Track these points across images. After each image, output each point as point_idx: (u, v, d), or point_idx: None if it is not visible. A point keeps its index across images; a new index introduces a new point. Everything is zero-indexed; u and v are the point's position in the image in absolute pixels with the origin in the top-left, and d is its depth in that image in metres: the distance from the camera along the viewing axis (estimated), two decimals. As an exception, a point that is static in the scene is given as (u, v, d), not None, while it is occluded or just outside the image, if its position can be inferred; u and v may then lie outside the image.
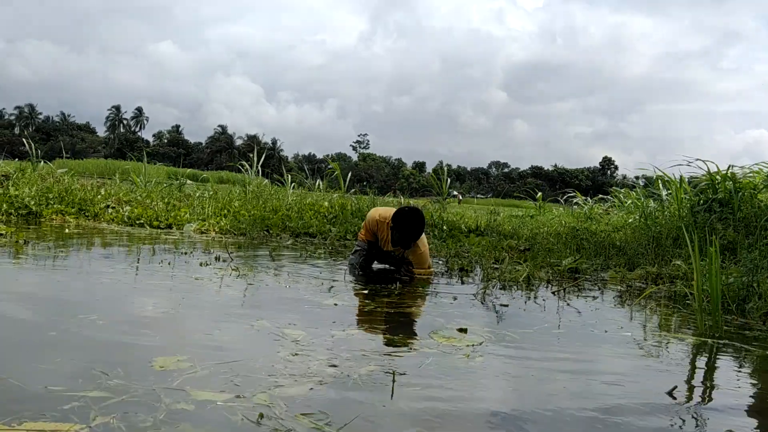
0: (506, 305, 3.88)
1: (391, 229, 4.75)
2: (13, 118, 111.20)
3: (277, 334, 2.64)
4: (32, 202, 7.90)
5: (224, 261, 4.90)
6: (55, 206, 8.01)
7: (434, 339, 2.80)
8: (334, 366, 2.23)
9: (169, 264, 4.57)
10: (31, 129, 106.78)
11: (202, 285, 3.80)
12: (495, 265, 5.69)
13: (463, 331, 2.97)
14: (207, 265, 4.64)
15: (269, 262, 5.22)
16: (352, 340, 2.68)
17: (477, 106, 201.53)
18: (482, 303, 3.91)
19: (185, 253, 5.25)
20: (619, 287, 4.98)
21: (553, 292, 4.54)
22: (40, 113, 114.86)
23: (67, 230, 6.57)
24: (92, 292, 3.51)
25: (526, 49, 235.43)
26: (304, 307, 3.40)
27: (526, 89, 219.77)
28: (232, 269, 4.47)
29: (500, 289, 4.53)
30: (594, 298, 4.45)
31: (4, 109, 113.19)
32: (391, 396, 1.99)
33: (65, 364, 2.06)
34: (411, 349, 2.62)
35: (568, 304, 4.06)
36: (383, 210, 5.03)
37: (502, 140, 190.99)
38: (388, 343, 2.69)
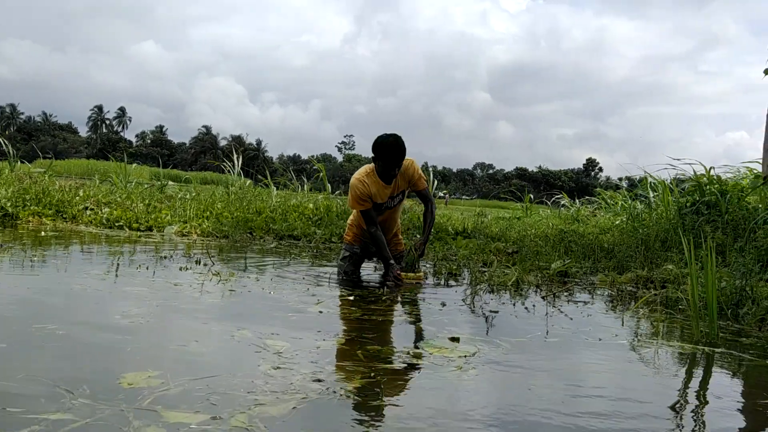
0: (496, 311, 3.76)
1: (374, 160, 4.58)
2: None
3: (258, 346, 2.50)
4: (8, 204, 7.67)
5: (205, 265, 4.74)
6: (31, 208, 7.79)
7: (424, 349, 2.67)
8: (319, 381, 2.09)
9: (147, 269, 4.39)
10: (12, 129, 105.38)
11: (180, 291, 3.64)
12: (483, 269, 5.57)
13: (455, 340, 2.84)
14: (187, 269, 4.48)
15: (252, 267, 5.07)
16: (338, 352, 2.55)
17: (461, 108, 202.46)
18: (471, 309, 3.79)
19: (164, 257, 5.08)
20: (609, 291, 4.89)
21: (543, 297, 4.43)
22: (22, 113, 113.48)
23: (42, 233, 6.37)
24: (60, 300, 3.31)
25: (510, 52, 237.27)
26: (287, 315, 3.25)
27: (509, 91, 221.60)
28: (213, 274, 4.31)
29: (489, 293, 4.41)
30: (585, 303, 4.35)
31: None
32: (380, 413, 1.85)
33: (26, 381, 1.89)
34: (400, 360, 2.48)
35: (559, 310, 3.95)
36: (359, 171, 4.77)
37: (487, 142, 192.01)
38: (375, 354, 2.55)
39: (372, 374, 2.23)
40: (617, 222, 9.77)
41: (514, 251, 7.06)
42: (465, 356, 2.58)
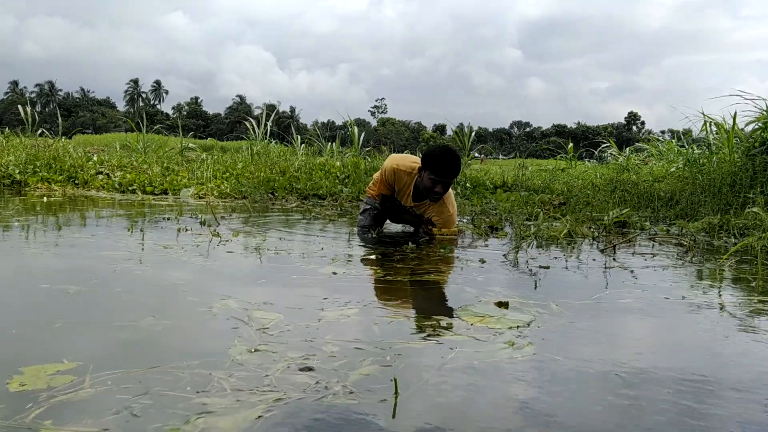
0: (547, 267, 3.09)
1: (420, 171, 3.97)
2: (33, 95, 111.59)
3: (240, 320, 1.88)
4: (16, 171, 7.24)
5: (209, 226, 4.16)
6: (41, 174, 7.34)
7: (463, 319, 2.02)
8: (310, 369, 1.46)
9: (140, 231, 3.83)
10: (52, 106, 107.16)
11: (166, 255, 3.03)
12: (528, 222, 4.87)
13: (502, 305, 2.18)
14: (186, 231, 3.90)
15: (264, 225, 4.47)
16: (345, 326, 1.91)
17: (491, 66, 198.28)
18: (515, 266, 3.12)
19: (166, 218, 4.51)
20: (677, 242, 4.15)
21: (601, 251, 3.74)
22: (60, 90, 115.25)
23: (45, 199, 5.88)
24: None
25: (540, 5, 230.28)
26: (291, 279, 2.63)
27: (540, 46, 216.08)
28: (214, 235, 3.72)
29: (536, 247, 3.74)
30: (652, 255, 3.64)
31: (25, 87, 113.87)
32: (393, 416, 1.23)
33: None
34: (429, 335, 1.83)
35: (623, 267, 3.26)
36: (401, 158, 4.20)
37: (518, 99, 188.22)
38: (396, 328, 1.91)
39: (387, 357, 1.59)
40: (672, 169, 8.91)
41: (561, 203, 6.33)
42: (517, 327, 1.92)
